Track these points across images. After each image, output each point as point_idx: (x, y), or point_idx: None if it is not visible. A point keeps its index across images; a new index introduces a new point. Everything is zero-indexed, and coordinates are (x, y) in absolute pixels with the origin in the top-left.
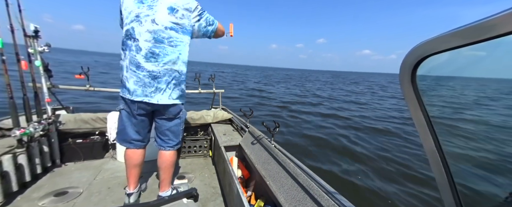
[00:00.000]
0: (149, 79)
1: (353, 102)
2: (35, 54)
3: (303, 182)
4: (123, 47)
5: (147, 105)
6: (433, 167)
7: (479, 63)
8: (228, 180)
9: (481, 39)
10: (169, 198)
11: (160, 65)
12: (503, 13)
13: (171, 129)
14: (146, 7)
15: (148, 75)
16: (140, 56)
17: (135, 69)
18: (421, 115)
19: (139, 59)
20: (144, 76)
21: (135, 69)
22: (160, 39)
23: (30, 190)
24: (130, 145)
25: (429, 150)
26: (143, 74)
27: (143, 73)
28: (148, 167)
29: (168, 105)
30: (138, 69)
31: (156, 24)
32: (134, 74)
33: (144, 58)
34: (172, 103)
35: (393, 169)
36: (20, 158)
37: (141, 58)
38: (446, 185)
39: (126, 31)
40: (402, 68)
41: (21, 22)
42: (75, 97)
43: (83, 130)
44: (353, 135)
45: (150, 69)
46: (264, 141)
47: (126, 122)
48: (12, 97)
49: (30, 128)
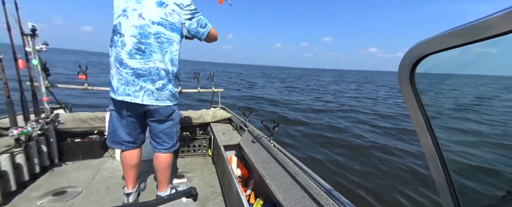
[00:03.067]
0: (133, 77)
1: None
2: (33, 53)
3: (302, 181)
4: (110, 43)
5: (135, 105)
6: (431, 167)
7: (477, 63)
8: (227, 179)
9: (479, 39)
10: (168, 197)
11: (145, 63)
12: (501, 13)
13: (164, 131)
14: (134, 1)
15: (132, 73)
16: (124, 52)
17: (118, 65)
18: (419, 114)
19: (122, 55)
20: (126, 73)
21: (119, 65)
22: (146, 35)
23: (28, 190)
24: (121, 146)
25: (428, 149)
26: (126, 71)
27: (125, 71)
28: (147, 167)
29: (156, 107)
30: (121, 66)
31: (142, 19)
32: (117, 71)
33: (127, 55)
34: (161, 104)
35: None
36: (18, 158)
37: (124, 55)
38: (445, 184)
39: (113, 26)
40: (401, 67)
41: (18, 21)
42: (75, 97)
43: (82, 129)
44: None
45: (134, 67)
46: (263, 140)
47: (116, 123)
48: (10, 96)
49: (28, 127)
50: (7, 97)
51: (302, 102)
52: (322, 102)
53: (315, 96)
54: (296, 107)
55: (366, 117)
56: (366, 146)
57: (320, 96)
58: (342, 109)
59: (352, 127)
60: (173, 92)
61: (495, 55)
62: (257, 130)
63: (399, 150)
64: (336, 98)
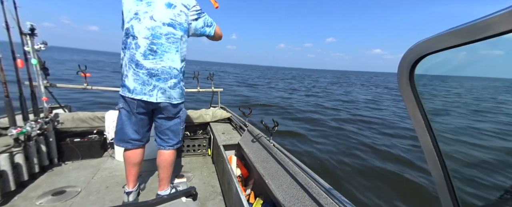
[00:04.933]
0: (148, 77)
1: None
2: (32, 52)
3: (302, 181)
4: (122, 46)
5: (147, 103)
6: (430, 166)
7: (477, 62)
8: (227, 179)
9: (479, 38)
10: (168, 196)
11: (158, 63)
12: (500, 13)
13: (171, 128)
14: (144, 4)
15: (147, 73)
16: (139, 53)
17: (134, 67)
18: (419, 114)
19: (138, 57)
20: (143, 74)
21: (135, 67)
22: (158, 35)
23: (27, 189)
24: (127, 145)
25: (427, 149)
26: (142, 72)
27: (142, 71)
28: (147, 166)
29: (167, 104)
30: (137, 67)
31: (154, 21)
32: (133, 72)
33: (142, 56)
34: (172, 102)
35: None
36: (17, 157)
37: (140, 56)
38: (444, 184)
39: (125, 29)
40: (400, 68)
41: (16, 20)
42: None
43: (81, 129)
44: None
45: (149, 67)
46: (263, 140)
47: (125, 121)
48: (8, 96)
49: (26, 127)
50: (6, 97)
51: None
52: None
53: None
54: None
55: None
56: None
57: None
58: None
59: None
60: (183, 90)
61: (495, 55)
62: (257, 129)
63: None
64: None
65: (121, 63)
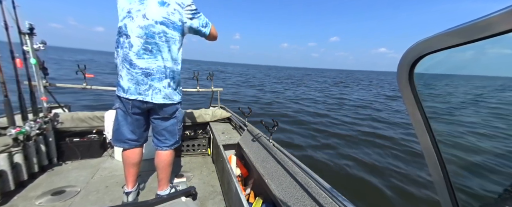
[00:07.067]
0: (142, 76)
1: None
2: (31, 52)
3: (301, 180)
4: (116, 45)
5: (142, 103)
6: (429, 165)
7: (476, 62)
8: (226, 179)
9: (479, 38)
10: (167, 196)
11: (153, 62)
12: (500, 12)
13: (168, 129)
14: (137, 2)
15: (141, 73)
16: (133, 53)
17: (128, 66)
18: (418, 113)
19: (131, 56)
20: (137, 73)
21: (129, 66)
22: (151, 35)
23: (27, 189)
24: (124, 145)
25: (426, 148)
26: (136, 72)
27: (136, 71)
28: (147, 166)
29: (162, 104)
30: (131, 67)
31: (146, 19)
32: (127, 71)
33: (136, 55)
34: (167, 102)
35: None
36: (16, 157)
37: (133, 55)
38: (443, 183)
39: (119, 28)
40: (400, 67)
41: (15, 19)
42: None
43: (81, 128)
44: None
45: (143, 66)
46: (263, 139)
47: (122, 121)
48: (7, 95)
49: (26, 126)
50: (5, 97)
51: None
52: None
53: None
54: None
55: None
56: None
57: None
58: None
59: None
60: (178, 90)
61: (495, 53)
62: (257, 129)
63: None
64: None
65: (116, 62)
